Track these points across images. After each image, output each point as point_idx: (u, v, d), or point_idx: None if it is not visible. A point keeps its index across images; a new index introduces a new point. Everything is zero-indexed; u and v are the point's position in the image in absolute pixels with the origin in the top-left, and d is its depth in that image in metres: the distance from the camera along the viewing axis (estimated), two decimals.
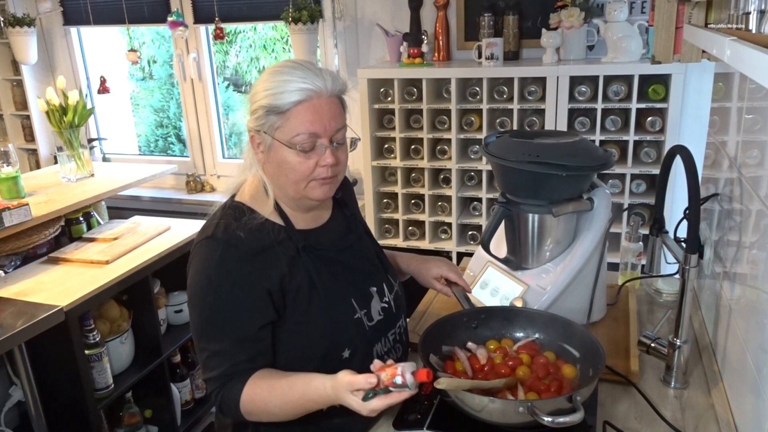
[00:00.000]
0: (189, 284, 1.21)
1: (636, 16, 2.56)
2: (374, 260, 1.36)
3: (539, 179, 1.37)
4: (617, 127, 2.50)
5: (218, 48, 4.41)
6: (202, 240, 1.20)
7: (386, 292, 1.32)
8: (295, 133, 1.14)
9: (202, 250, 1.19)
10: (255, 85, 1.19)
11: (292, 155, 1.16)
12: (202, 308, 1.18)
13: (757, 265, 1.05)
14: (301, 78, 1.13)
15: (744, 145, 1.22)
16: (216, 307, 1.17)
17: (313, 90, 1.14)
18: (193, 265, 1.20)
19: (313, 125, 1.14)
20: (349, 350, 1.22)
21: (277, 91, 1.13)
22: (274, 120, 1.15)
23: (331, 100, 1.16)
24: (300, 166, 1.16)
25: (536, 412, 1.03)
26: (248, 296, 1.16)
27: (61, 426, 2.04)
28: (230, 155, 3.77)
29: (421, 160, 2.78)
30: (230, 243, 1.17)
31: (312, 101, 1.14)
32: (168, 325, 2.51)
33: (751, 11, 0.75)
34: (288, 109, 1.13)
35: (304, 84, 1.13)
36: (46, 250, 2.36)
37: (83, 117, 2.72)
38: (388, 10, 3.01)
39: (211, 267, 1.17)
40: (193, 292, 1.19)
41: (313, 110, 1.14)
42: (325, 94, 1.15)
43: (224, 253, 1.16)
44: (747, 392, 1.06)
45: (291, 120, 1.14)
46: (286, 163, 1.17)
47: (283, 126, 1.14)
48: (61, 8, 3.70)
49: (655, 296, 1.68)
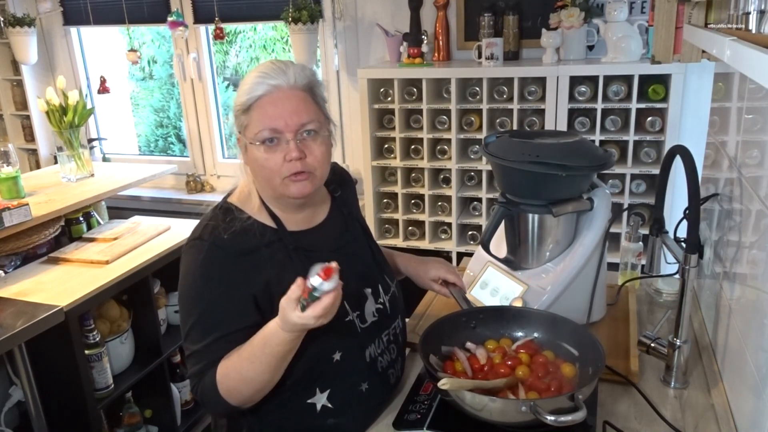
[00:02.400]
0: (178, 285, 1.22)
1: (636, 16, 2.56)
2: (370, 261, 1.34)
3: (539, 179, 1.37)
4: (617, 127, 2.50)
5: (218, 48, 4.41)
6: (189, 241, 1.21)
7: (381, 293, 1.31)
8: (257, 129, 1.14)
9: (188, 251, 1.20)
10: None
11: (259, 152, 1.16)
12: (186, 308, 1.19)
13: (757, 265, 1.05)
14: (263, 74, 1.15)
15: (744, 145, 1.22)
16: (199, 307, 1.17)
17: (273, 84, 1.14)
18: (181, 267, 1.21)
19: (272, 120, 1.14)
20: (340, 352, 1.21)
21: (243, 89, 1.16)
22: (243, 119, 1.17)
23: (293, 93, 1.15)
24: (267, 162, 1.16)
25: (539, 411, 1.03)
26: (230, 298, 1.16)
27: (61, 426, 2.04)
28: (230, 155, 3.77)
29: (421, 160, 2.78)
30: (215, 244, 1.17)
31: (271, 95, 1.14)
32: (168, 325, 2.51)
33: (751, 11, 0.75)
34: (250, 105, 1.15)
35: (264, 79, 1.14)
36: (46, 250, 2.36)
37: (83, 117, 2.72)
38: (388, 10, 3.01)
39: (196, 267, 1.17)
40: (180, 292, 1.21)
41: (272, 104, 1.14)
42: (285, 87, 1.15)
43: (209, 254, 1.17)
44: (747, 392, 1.06)
45: (253, 116, 1.15)
46: (256, 161, 1.17)
47: (249, 124, 1.16)
48: (61, 8, 3.70)
49: (655, 296, 1.68)
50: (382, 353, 1.28)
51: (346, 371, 1.22)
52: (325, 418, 1.21)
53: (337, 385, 1.22)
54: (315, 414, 1.21)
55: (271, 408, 1.21)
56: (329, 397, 1.21)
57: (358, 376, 1.23)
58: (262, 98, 1.14)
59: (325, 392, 1.21)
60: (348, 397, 1.22)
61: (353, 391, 1.23)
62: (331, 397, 1.21)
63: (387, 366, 1.29)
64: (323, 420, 1.22)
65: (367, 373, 1.24)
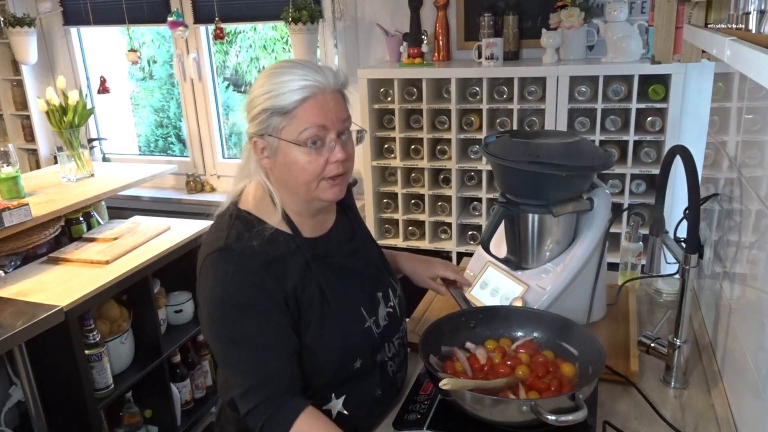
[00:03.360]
0: (203, 302, 1.14)
1: (636, 16, 2.56)
2: (379, 263, 1.33)
3: (539, 179, 1.37)
4: (617, 127, 2.50)
5: (218, 48, 4.41)
6: (213, 252, 1.13)
7: (391, 296, 1.30)
8: (302, 128, 1.10)
9: (215, 262, 1.12)
10: (252, 91, 1.16)
11: (302, 154, 1.12)
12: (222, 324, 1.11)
13: (757, 265, 1.05)
14: (301, 76, 1.11)
15: (744, 145, 1.22)
16: (238, 321, 1.10)
17: (316, 86, 1.11)
18: (204, 280, 1.13)
19: (320, 120, 1.11)
20: (361, 360, 1.19)
21: (279, 92, 1.10)
22: (278, 121, 1.12)
23: (334, 94, 1.14)
24: (310, 165, 1.13)
25: (540, 411, 1.03)
26: (269, 304, 1.11)
27: (61, 426, 2.04)
28: (230, 155, 3.77)
29: (421, 160, 2.78)
30: (245, 253, 1.11)
31: (317, 97, 1.11)
32: (168, 325, 2.51)
33: (751, 11, 0.75)
34: (293, 108, 1.11)
35: (305, 81, 1.11)
36: (46, 250, 2.36)
37: (83, 117, 2.72)
38: (388, 10, 3.01)
39: (228, 278, 1.10)
40: (210, 308, 1.12)
41: (318, 106, 1.11)
42: (328, 89, 1.13)
43: (240, 263, 1.10)
44: (747, 392, 1.06)
45: (296, 118, 1.11)
46: (296, 163, 1.13)
47: (289, 125, 1.11)
48: (61, 8, 3.70)
49: (655, 296, 1.68)
50: (393, 357, 1.27)
51: (362, 377, 1.20)
52: (339, 425, 1.20)
53: (353, 391, 1.20)
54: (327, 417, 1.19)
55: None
56: (344, 403, 1.20)
57: (373, 381, 1.22)
58: (308, 99, 1.11)
59: (341, 398, 1.19)
60: (362, 403, 1.21)
61: (368, 396, 1.22)
62: (346, 404, 1.20)
63: (396, 370, 1.28)
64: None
65: (381, 378, 1.24)
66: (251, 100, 1.15)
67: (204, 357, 2.68)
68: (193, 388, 2.59)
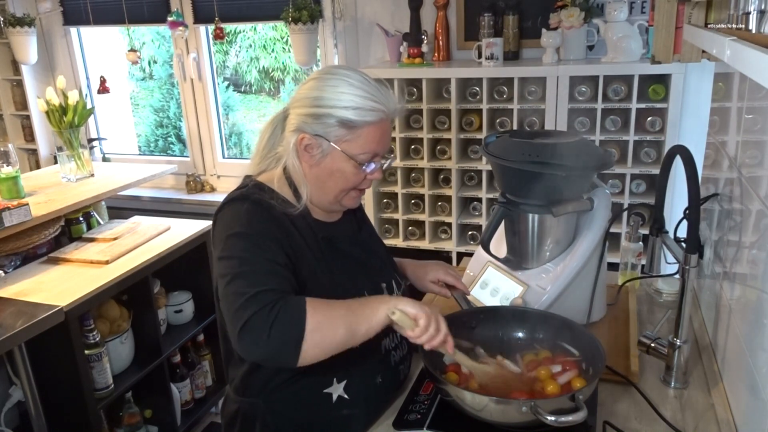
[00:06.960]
0: (216, 235, 1.18)
1: (636, 16, 2.56)
2: (384, 258, 1.39)
3: (539, 179, 1.37)
4: (617, 127, 2.50)
5: (218, 48, 4.41)
6: (228, 201, 1.20)
7: (395, 289, 1.34)
8: (362, 150, 1.19)
9: (229, 206, 1.19)
10: (318, 88, 1.19)
11: (350, 167, 1.20)
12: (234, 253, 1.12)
13: (757, 265, 1.05)
14: (377, 98, 1.18)
15: (744, 145, 1.22)
16: (245, 245, 1.13)
17: (385, 112, 1.19)
18: (220, 219, 1.19)
19: (378, 146, 1.20)
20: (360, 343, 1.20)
21: (354, 105, 1.16)
22: (343, 133, 1.17)
23: (390, 124, 1.23)
24: (353, 177, 1.21)
25: (539, 411, 1.03)
26: (275, 247, 1.14)
27: (61, 426, 2.04)
28: (230, 155, 3.77)
29: (421, 160, 2.78)
30: (260, 203, 1.18)
31: (382, 123, 1.19)
32: (168, 325, 2.51)
33: (751, 11, 0.75)
34: (361, 127, 1.17)
35: (379, 105, 1.18)
36: (46, 250, 2.37)
37: (83, 117, 2.73)
38: (388, 10, 3.01)
39: (241, 213, 1.16)
40: (226, 234, 1.15)
41: (380, 132, 1.20)
42: (392, 117, 1.22)
43: (252, 208, 1.17)
44: (747, 392, 1.06)
45: (361, 137, 1.18)
46: (341, 172, 1.20)
47: (351, 140, 1.18)
48: (61, 8, 3.70)
49: (655, 296, 1.68)
50: (396, 348, 1.31)
51: (364, 362, 1.23)
52: (339, 409, 1.22)
53: (355, 376, 1.23)
54: (330, 405, 1.22)
55: (286, 396, 1.22)
56: (346, 387, 1.22)
57: (374, 368, 1.26)
58: (375, 124, 1.18)
59: (342, 382, 1.22)
60: (363, 389, 1.24)
61: (369, 383, 1.25)
62: (347, 388, 1.22)
63: (399, 361, 1.32)
64: (338, 411, 1.23)
65: (383, 366, 1.27)
66: (317, 97, 1.18)
67: (204, 357, 2.68)
68: (193, 388, 2.59)
